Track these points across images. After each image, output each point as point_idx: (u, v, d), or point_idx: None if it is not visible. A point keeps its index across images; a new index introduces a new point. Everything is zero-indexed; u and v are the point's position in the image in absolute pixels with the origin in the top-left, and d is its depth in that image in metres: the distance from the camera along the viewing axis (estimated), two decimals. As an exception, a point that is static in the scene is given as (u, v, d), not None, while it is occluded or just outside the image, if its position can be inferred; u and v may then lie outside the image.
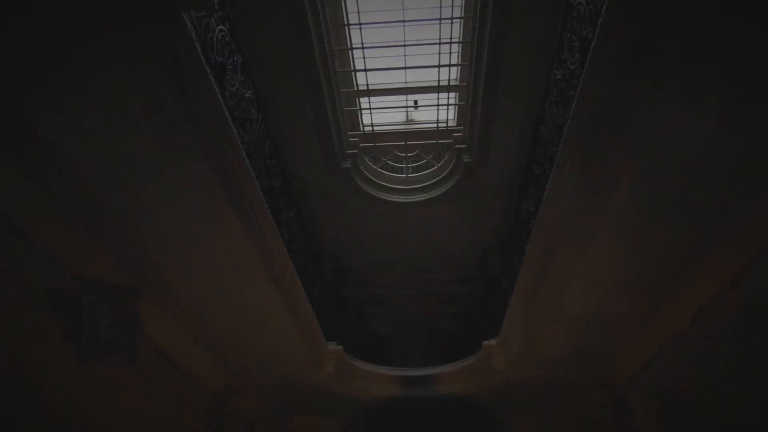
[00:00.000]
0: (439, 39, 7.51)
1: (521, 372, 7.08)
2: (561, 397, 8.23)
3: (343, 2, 7.14)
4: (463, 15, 7.34)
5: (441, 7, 7.21)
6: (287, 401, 8.41)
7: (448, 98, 8.66)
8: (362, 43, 7.55)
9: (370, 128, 9.08)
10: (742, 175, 3.67)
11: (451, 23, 7.37)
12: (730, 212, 3.94)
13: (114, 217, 4.11)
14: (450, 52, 7.74)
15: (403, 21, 7.41)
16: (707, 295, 4.72)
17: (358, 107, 8.82)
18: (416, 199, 9.01)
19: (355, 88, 8.28)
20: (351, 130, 8.88)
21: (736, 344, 5.18)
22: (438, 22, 7.35)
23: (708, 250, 4.37)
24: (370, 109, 8.72)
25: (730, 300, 4.54)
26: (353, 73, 8.07)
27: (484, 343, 7.12)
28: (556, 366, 6.83)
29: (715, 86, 3.04)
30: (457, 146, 8.53)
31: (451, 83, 8.21)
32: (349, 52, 7.85)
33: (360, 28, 7.38)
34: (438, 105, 8.70)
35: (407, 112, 10.19)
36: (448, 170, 8.89)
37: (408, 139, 9.38)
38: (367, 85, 8.13)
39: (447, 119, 9.05)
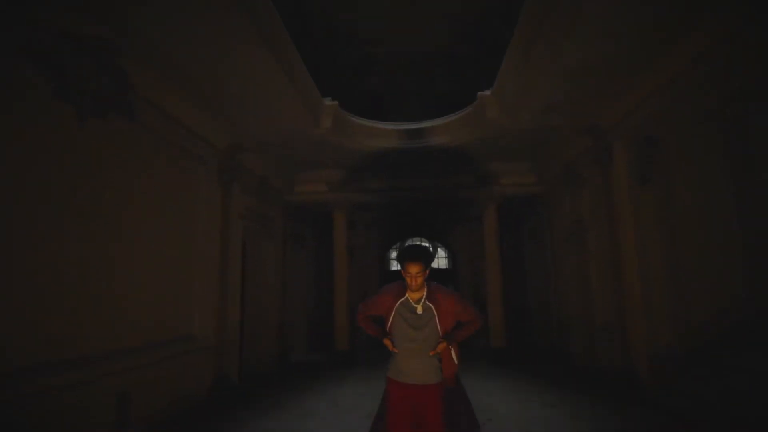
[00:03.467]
0: None
1: (513, 121, 7.33)
2: (546, 146, 8.74)
3: None
4: None
5: None
6: (292, 157, 8.97)
7: None
8: None
9: None
10: None
11: None
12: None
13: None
14: None
15: None
16: (687, 57, 5.02)
17: None
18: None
19: None
20: None
21: (708, 97, 5.49)
22: None
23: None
24: None
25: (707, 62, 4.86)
26: None
27: (480, 93, 7.14)
28: (547, 114, 7.02)
29: None
30: None
31: None
32: None
33: None
34: None
35: None
36: None
37: None
38: None
39: None
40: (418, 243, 3.25)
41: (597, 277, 7.75)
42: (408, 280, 2.81)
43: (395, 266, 15.42)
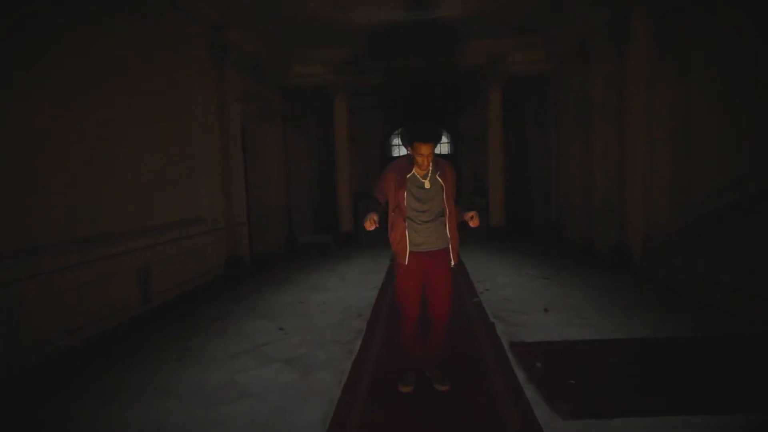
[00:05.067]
0: None
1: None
2: (557, 20, 8.15)
3: None
4: None
5: None
6: (288, 35, 8.39)
7: None
8: None
9: None
10: None
11: None
12: None
13: None
14: None
15: None
16: None
17: None
18: None
19: None
20: None
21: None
22: None
23: None
24: None
25: None
26: None
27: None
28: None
29: None
30: None
31: None
32: None
33: None
34: None
35: None
36: None
37: None
38: None
39: None
40: (428, 123, 3.19)
41: (601, 156, 7.72)
42: (419, 159, 2.83)
43: (396, 152, 15.38)
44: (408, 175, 2.90)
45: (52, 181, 3.95)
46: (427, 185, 2.89)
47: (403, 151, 9.52)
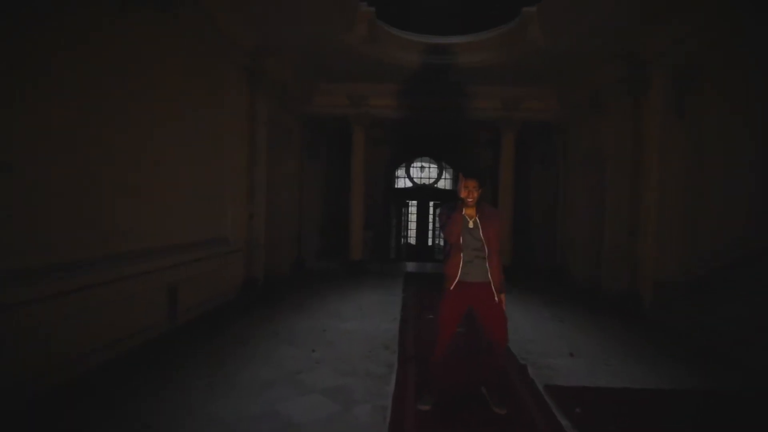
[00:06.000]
0: None
1: (553, 42, 7.06)
2: (572, 72, 8.50)
3: None
4: None
5: None
6: (317, 66, 8.62)
7: None
8: None
9: None
10: None
11: None
12: None
13: None
14: None
15: None
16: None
17: None
18: None
19: None
20: None
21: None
22: None
23: None
24: None
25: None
26: None
27: (524, 9, 6.81)
28: (589, 37, 6.77)
29: None
30: None
31: None
32: None
33: None
34: None
35: None
36: None
37: None
38: None
39: None
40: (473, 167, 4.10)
41: (612, 205, 7.96)
42: (465, 193, 3.28)
43: (401, 184, 15.63)
44: (462, 215, 3.33)
45: (86, 195, 3.94)
46: (471, 225, 3.34)
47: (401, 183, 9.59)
